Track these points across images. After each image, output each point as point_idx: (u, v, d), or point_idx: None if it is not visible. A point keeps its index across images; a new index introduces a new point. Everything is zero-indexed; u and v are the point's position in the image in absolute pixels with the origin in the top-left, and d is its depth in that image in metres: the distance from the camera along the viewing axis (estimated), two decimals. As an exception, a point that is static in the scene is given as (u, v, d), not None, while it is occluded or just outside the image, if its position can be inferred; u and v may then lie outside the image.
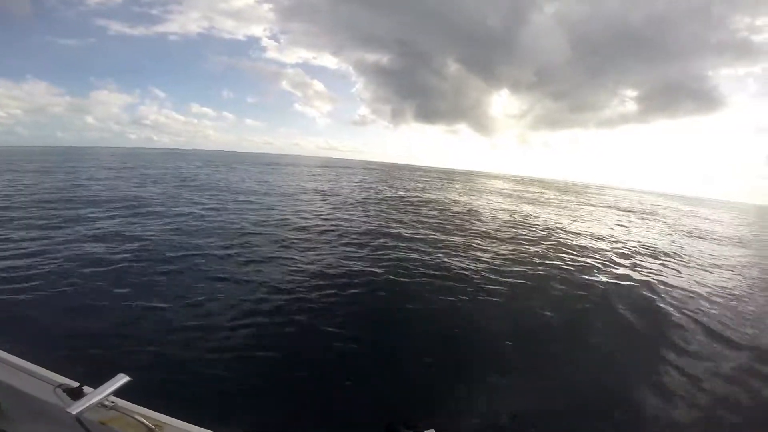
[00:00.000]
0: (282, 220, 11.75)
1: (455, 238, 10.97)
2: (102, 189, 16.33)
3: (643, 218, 23.69)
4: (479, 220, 15.15)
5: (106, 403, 1.35)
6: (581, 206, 28.36)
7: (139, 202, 13.08)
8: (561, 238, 12.58)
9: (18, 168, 25.57)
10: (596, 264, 9.31)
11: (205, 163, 50.23)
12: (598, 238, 13.37)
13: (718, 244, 15.99)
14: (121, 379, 1.38)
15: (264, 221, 11.30)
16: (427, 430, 1.30)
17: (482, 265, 8.22)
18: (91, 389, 1.37)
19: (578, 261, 9.44)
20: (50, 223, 9.19)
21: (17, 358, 1.71)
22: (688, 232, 18.83)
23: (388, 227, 11.76)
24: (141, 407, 1.49)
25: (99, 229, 8.92)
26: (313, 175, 38.34)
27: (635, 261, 10.21)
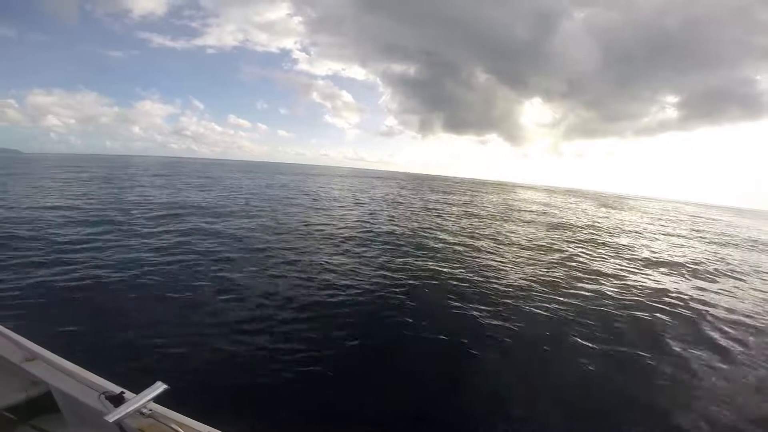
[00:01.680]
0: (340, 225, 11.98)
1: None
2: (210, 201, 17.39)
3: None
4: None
5: (144, 410, 1.39)
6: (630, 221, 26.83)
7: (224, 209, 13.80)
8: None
9: (108, 174, 27.20)
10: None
11: (247, 173, 52.23)
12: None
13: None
14: (159, 387, 1.42)
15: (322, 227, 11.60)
16: None
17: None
18: (132, 395, 1.43)
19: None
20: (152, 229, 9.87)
21: (71, 364, 1.83)
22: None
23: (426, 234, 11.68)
24: (178, 414, 1.53)
25: (156, 237, 9.47)
26: (352, 186, 38.93)
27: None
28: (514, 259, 10.03)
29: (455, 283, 7.46)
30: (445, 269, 8.37)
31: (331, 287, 6.66)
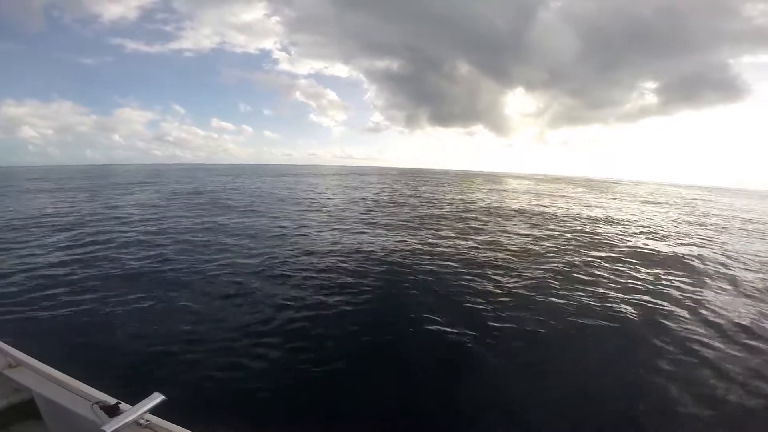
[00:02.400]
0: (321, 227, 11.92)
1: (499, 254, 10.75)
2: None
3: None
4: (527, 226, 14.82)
5: (141, 421, 1.36)
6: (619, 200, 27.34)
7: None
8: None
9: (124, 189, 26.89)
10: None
11: (237, 175, 51.65)
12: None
13: None
14: (156, 398, 1.39)
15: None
16: None
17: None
18: (128, 406, 1.39)
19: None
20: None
21: (59, 372, 1.77)
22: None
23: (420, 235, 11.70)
24: (175, 425, 1.49)
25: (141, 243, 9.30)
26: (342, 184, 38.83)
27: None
28: (514, 251, 10.12)
29: (457, 275, 7.51)
30: (446, 262, 8.42)
31: (331, 286, 6.64)
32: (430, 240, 10.64)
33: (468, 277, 7.29)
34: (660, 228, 15.21)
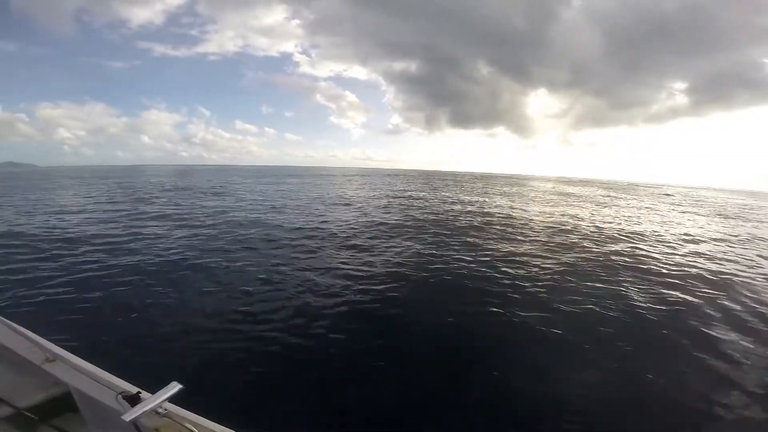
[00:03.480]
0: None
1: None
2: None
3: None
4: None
5: (160, 410, 1.40)
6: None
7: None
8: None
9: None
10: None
11: (258, 177, 52.92)
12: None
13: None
14: (174, 387, 1.44)
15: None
16: None
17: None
18: (148, 395, 1.44)
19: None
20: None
21: (90, 365, 1.88)
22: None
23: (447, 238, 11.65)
24: (193, 414, 1.54)
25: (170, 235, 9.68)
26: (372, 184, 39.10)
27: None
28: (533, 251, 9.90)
29: (472, 276, 7.43)
30: (466, 263, 8.34)
31: (350, 284, 6.71)
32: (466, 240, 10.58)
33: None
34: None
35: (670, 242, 12.44)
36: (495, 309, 5.85)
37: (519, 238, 11.85)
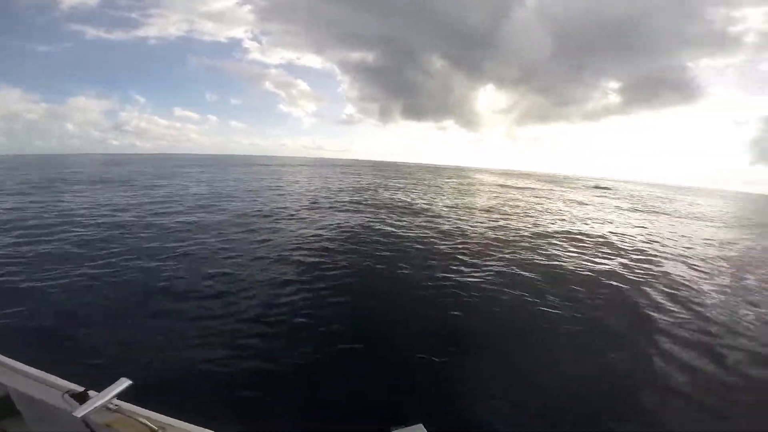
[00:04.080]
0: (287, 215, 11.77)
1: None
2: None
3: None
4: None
5: (111, 406, 1.40)
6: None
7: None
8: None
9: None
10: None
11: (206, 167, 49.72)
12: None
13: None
14: (123, 383, 1.44)
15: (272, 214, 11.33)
16: (415, 425, 1.31)
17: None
18: (95, 393, 1.43)
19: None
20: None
21: (28, 367, 1.79)
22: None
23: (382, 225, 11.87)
24: (144, 409, 1.54)
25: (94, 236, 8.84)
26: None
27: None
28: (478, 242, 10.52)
29: (415, 269, 7.74)
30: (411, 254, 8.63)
31: (302, 276, 6.70)
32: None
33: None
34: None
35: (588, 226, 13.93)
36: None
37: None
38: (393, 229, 11.29)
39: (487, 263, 8.15)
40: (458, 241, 10.30)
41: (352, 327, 4.98)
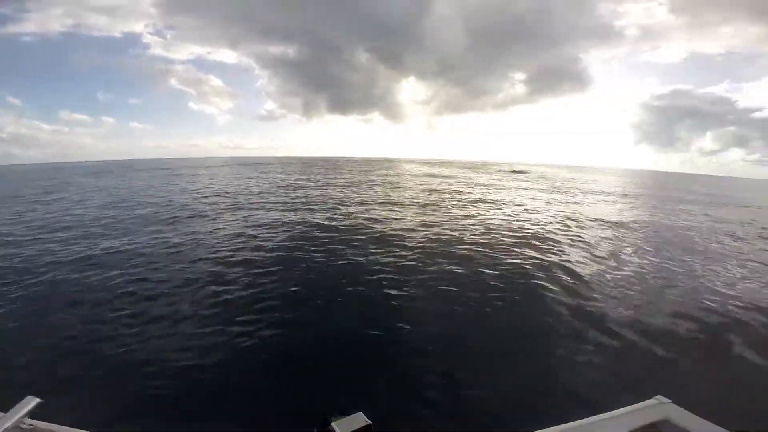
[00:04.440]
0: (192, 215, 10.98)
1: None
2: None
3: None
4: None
5: (23, 425, 1.31)
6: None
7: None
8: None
9: None
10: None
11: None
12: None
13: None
14: (31, 402, 1.33)
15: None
16: (355, 413, 1.33)
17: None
18: (2, 414, 1.32)
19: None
20: None
21: None
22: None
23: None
24: (62, 426, 1.45)
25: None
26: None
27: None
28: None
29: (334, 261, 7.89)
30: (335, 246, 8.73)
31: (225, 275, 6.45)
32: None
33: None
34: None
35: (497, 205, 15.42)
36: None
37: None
38: (323, 223, 11.27)
39: (417, 253, 8.61)
40: (390, 232, 10.62)
41: (283, 326, 4.91)
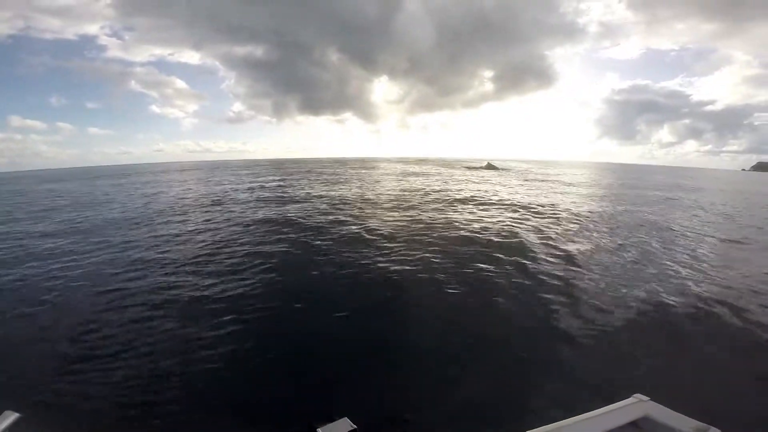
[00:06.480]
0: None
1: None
2: None
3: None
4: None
5: None
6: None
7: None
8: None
9: None
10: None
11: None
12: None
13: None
14: (10, 416, 1.21)
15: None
16: (340, 419, 1.33)
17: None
18: None
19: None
20: None
21: None
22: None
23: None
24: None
25: None
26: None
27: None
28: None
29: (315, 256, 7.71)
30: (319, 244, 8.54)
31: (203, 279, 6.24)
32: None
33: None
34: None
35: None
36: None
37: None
38: (303, 221, 11.04)
39: (399, 246, 8.56)
40: (371, 228, 10.57)
41: (263, 331, 4.79)
